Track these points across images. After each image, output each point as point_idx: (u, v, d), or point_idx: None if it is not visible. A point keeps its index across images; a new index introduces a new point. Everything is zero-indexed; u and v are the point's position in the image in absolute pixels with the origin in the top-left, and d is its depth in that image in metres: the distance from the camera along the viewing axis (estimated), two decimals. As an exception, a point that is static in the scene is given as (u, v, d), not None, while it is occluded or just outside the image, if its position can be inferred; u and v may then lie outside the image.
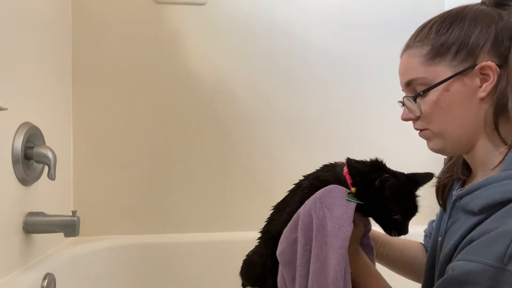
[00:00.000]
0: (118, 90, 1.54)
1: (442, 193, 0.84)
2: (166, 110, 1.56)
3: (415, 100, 0.74)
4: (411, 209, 0.78)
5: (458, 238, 0.70)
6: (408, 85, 0.77)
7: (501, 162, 0.69)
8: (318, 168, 0.87)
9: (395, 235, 0.77)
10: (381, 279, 0.81)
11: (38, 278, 1.10)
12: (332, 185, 0.77)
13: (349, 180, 0.78)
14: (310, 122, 1.64)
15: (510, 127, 0.70)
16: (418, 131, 0.79)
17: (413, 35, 0.78)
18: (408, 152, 1.63)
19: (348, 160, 0.82)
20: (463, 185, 0.81)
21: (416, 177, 0.80)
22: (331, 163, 0.86)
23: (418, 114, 0.75)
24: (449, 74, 0.71)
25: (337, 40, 1.65)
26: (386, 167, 0.80)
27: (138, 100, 1.55)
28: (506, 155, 0.69)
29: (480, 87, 0.70)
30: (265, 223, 0.89)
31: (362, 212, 0.77)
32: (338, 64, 1.65)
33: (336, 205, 0.73)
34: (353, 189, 0.76)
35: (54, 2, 1.38)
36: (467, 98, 0.71)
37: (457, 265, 0.64)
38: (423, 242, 1.01)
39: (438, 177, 0.86)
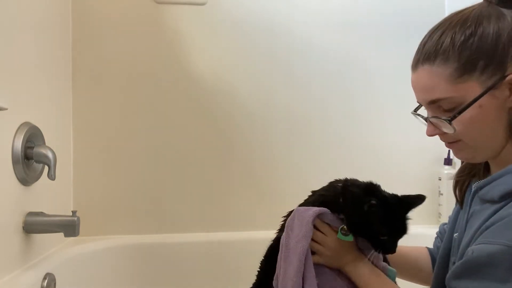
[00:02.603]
0: (118, 90, 1.54)
1: (461, 189, 0.84)
2: (166, 109, 1.56)
3: (449, 122, 0.71)
4: (399, 231, 0.82)
5: (476, 227, 0.70)
6: (432, 102, 0.74)
7: None
8: (328, 182, 0.91)
9: (381, 253, 0.82)
10: (387, 282, 0.83)
11: (38, 278, 1.10)
12: (298, 208, 0.86)
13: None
14: (311, 121, 1.64)
15: None
16: (446, 143, 0.78)
17: (429, 49, 0.73)
18: (409, 152, 1.63)
19: (345, 183, 0.86)
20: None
21: (408, 200, 0.83)
22: (336, 180, 0.90)
23: (452, 132, 0.73)
24: (479, 90, 0.69)
25: (337, 40, 1.65)
26: (379, 190, 0.83)
27: (138, 100, 1.55)
28: None
29: (510, 96, 0.69)
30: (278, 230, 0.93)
31: (354, 232, 0.83)
32: (338, 64, 1.65)
33: (296, 225, 0.83)
34: (345, 227, 0.82)
35: (54, 2, 1.38)
36: (499, 110, 0.70)
37: (477, 248, 0.64)
38: (429, 245, 1.02)
39: (458, 173, 0.86)
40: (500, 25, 0.69)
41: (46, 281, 1.11)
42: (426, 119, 0.77)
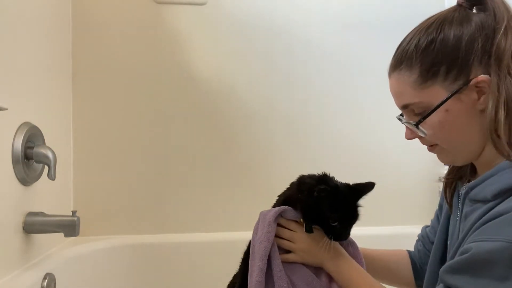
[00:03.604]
0: (118, 90, 1.54)
1: (449, 191, 0.84)
2: (166, 110, 1.56)
3: (417, 126, 0.74)
4: (349, 217, 0.82)
5: (469, 226, 0.69)
6: (405, 107, 0.76)
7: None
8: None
9: (332, 239, 0.81)
10: (366, 275, 0.83)
11: (38, 278, 1.10)
12: (261, 211, 0.88)
13: None
14: (310, 122, 1.64)
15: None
16: (427, 147, 0.79)
17: (397, 55, 0.76)
18: (408, 152, 1.63)
19: (301, 177, 0.89)
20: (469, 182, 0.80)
21: (358, 188, 0.84)
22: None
23: (423, 136, 0.75)
24: (444, 95, 0.70)
25: (337, 40, 1.65)
26: (332, 180, 0.86)
27: (138, 100, 1.55)
28: None
29: (478, 99, 0.70)
30: None
31: (309, 221, 0.84)
32: (338, 64, 1.65)
33: (260, 227, 0.84)
34: (301, 220, 0.85)
35: (54, 2, 1.38)
36: (467, 113, 0.71)
37: (476, 245, 0.63)
38: (413, 247, 1.02)
39: (446, 175, 0.85)
40: (462, 30, 0.70)
41: (46, 281, 1.11)
42: (401, 121, 0.80)
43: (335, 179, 0.86)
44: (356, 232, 0.86)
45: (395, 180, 1.66)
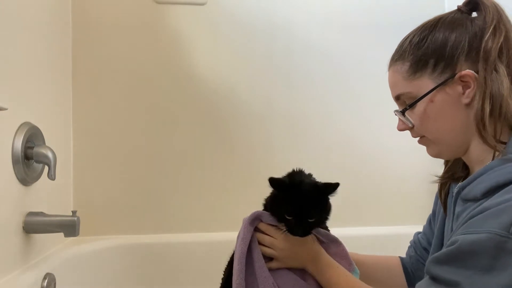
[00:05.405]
0: (118, 90, 1.54)
1: (444, 192, 0.86)
2: (166, 109, 1.56)
3: (403, 114, 0.79)
4: (304, 214, 0.81)
5: (459, 225, 0.70)
6: (397, 99, 0.82)
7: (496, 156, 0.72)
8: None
9: (287, 233, 0.83)
10: (346, 274, 0.84)
11: (38, 278, 1.10)
12: (245, 217, 0.89)
13: None
14: (310, 122, 1.64)
15: (499, 125, 0.72)
16: (418, 139, 0.83)
17: (395, 50, 0.82)
18: (408, 151, 1.64)
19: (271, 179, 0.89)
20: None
21: (321, 187, 0.85)
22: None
23: (410, 126, 0.80)
24: (431, 86, 0.75)
25: (337, 41, 1.65)
26: (302, 175, 0.88)
27: (138, 100, 1.55)
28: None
29: (463, 94, 0.73)
30: None
31: (278, 218, 0.85)
32: (338, 64, 1.65)
33: (241, 231, 0.87)
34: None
35: (54, 3, 1.38)
36: (452, 106, 0.75)
37: (461, 238, 0.64)
38: (405, 253, 1.03)
39: (441, 176, 0.88)
40: (452, 29, 0.75)
41: (46, 281, 1.11)
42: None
43: (311, 177, 0.88)
44: (356, 232, 0.86)
45: (395, 179, 1.66)
